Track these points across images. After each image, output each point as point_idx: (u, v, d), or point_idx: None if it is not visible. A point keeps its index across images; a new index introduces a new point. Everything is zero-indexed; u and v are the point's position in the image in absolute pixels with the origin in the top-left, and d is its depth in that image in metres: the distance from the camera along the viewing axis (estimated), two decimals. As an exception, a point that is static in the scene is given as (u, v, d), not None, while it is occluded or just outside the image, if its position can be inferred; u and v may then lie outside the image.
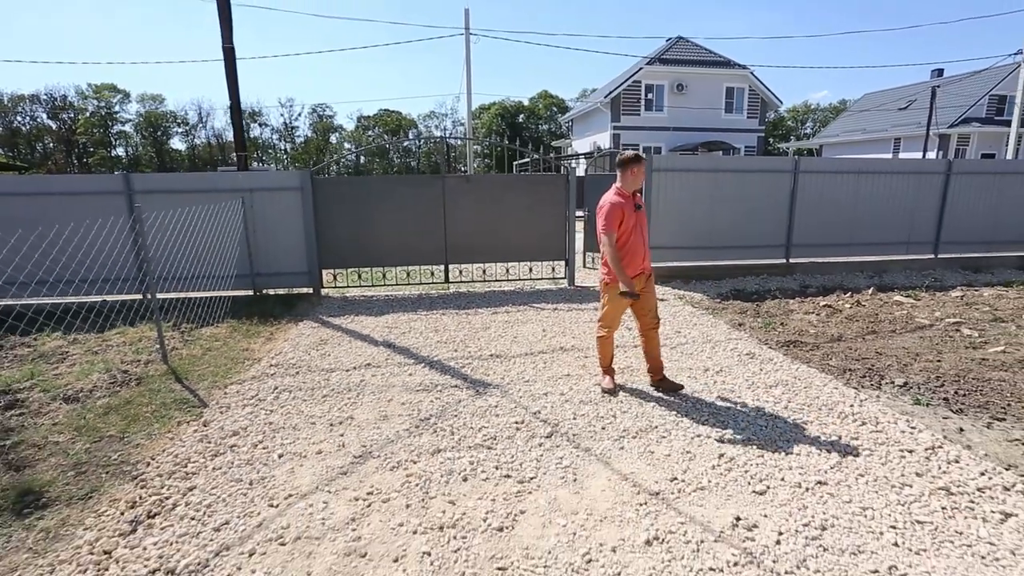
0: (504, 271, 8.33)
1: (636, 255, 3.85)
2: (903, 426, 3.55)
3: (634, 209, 3.83)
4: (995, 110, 32.03)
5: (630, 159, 3.83)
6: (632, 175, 3.84)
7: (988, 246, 9.90)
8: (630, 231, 3.82)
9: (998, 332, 5.80)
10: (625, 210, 3.77)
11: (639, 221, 3.87)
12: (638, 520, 2.52)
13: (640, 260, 3.89)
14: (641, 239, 3.88)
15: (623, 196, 3.82)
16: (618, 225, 3.77)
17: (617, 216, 3.75)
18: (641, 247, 3.89)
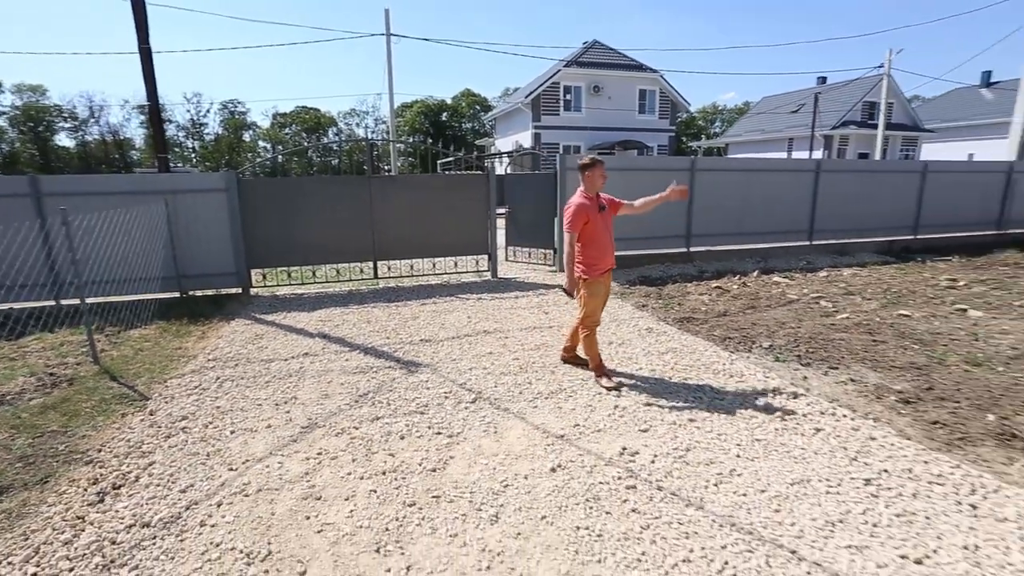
0: (431, 266, 8.78)
1: (604, 251, 4.08)
2: (761, 376, 4.41)
3: (599, 210, 4.06)
4: (868, 115, 35.94)
5: (586, 164, 4.07)
6: (589, 178, 4.07)
7: (852, 233, 11.50)
8: (600, 231, 4.03)
9: (847, 303, 6.99)
10: (590, 212, 3.99)
11: (604, 220, 4.09)
12: (546, 456, 3.13)
13: (609, 255, 4.13)
14: (607, 237, 4.11)
15: (588, 199, 4.05)
16: (583, 225, 3.99)
17: (582, 218, 3.96)
18: (608, 244, 4.11)
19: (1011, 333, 5.67)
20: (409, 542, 2.42)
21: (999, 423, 3.67)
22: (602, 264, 4.11)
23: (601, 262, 4.10)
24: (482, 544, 2.39)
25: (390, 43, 19.77)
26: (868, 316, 6.36)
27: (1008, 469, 3.07)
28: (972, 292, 7.71)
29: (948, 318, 6.31)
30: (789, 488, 2.81)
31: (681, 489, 2.80)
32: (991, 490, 2.81)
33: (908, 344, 5.34)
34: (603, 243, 4.09)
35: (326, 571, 2.25)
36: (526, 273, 9.03)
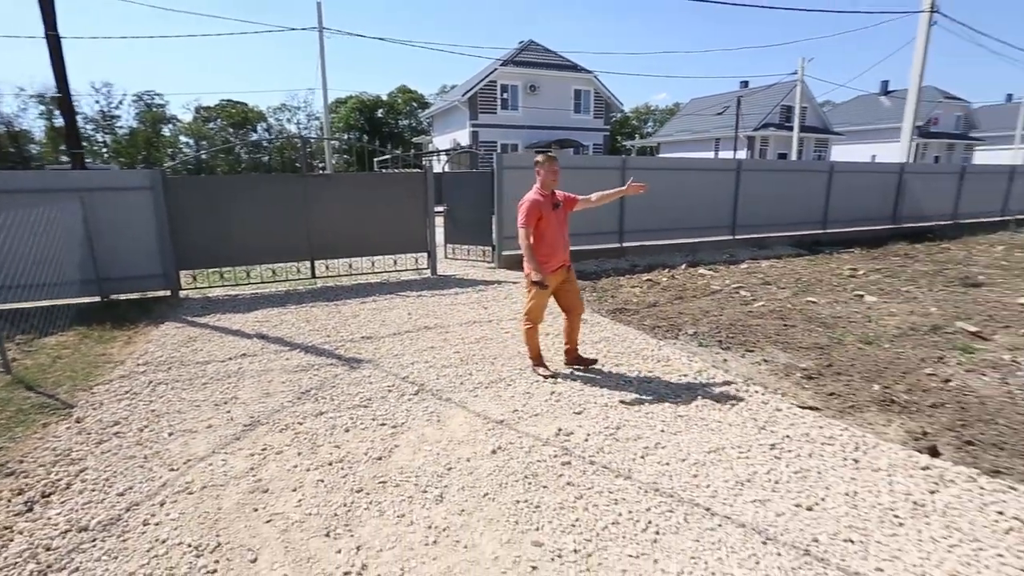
0: (370, 264, 8.76)
1: (555, 248, 4.15)
2: (685, 360, 4.79)
3: (552, 207, 4.12)
4: (785, 117, 38.40)
5: (539, 161, 4.13)
6: (541, 176, 4.14)
7: (770, 228, 12.41)
8: (552, 228, 4.10)
9: (763, 292, 7.60)
10: (543, 208, 4.05)
11: (558, 217, 4.16)
12: (487, 439, 3.32)
13: (561, 252, 4.20)
14: (560, 234, 4.17)
15: (543, 195, 4.11)
16: (535, 221, 4.05)
17: (534, 214, 4.03)
18: (560, 241, 4.18)
19: (897, 315, 6.39)
20: (358, 525, 2.53)
21: (882, 391, 4.19)
22: (553, 261, 4.16)
23: (552, 259, 4.16)
24: (428, 521, 2.54)
25: (323, 37, 19.30)
26: (781, 303, 6.96)
27: (886, 429, 3.55)
28: (869, 280, 8.57)
29: (848, 303, 7.01)
30: (706, 456, 3.13)
31: (611, 462, 3.06)
32: (871, 446, 3.25)
33: (813, 327, 5.92)
34: (554, 240, 4.15)
35: (277, 556, 2.33)
36: (465, 270, 9.18)
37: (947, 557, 2.31)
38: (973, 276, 8.82)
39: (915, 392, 4.20)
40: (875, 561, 2.29)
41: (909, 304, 6.93)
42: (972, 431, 3.57)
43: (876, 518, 2.57)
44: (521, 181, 9.22)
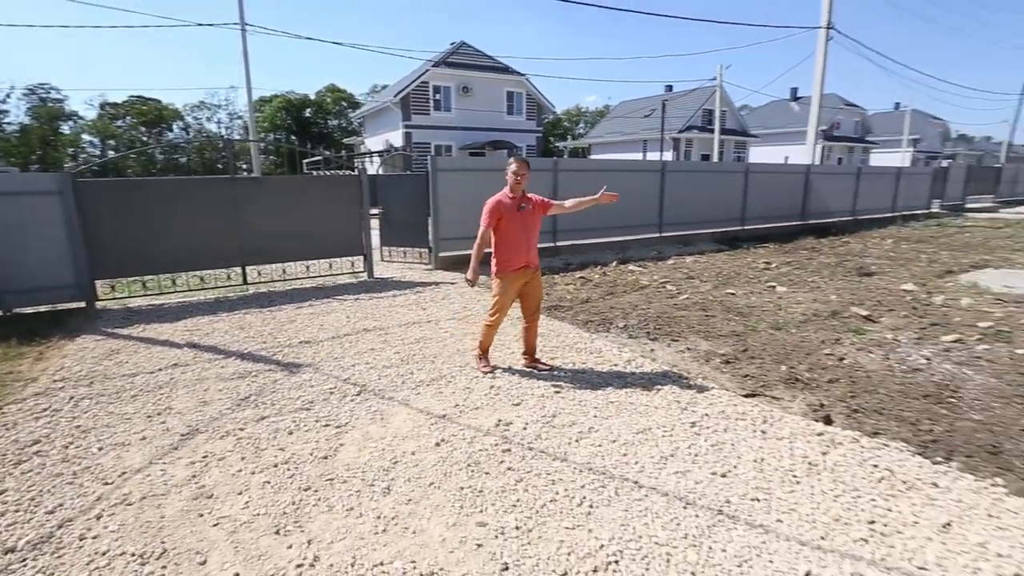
0: (305, 269, 8.60)
1: (518, 250, 4.22)
2: (616, 351, 5.11)
3: (517, 209, 4.19)
4: (707, 121, 40.52)
5: (515, 165, 4.21)
6: (507, 179, 4.24)
7: (694, 225, 13.18)
8: (515, 230, 4.18)
9: (688, 286, 8.13)
10: (505, 210, 4.15)
11: (523, 220, 4.22)
12: (430, 433, 3.45)
13: (523, 254, 4.26)
14: (524, 236, 4.23)
15: (510, 198, 4.19)
16: (496, 222, 4.15)
17: (495, 214, 4.14)
18: (523, 243, 4.24)
19: (803, 303, 7.05)
20: (308, 521, 2.60)
21: (788, 371, 4.67)
22: (514, 262, 4.23)
23: (513, 260, 4.23)
24: (377, 512, 2.65)
25: (245, 34, 18.55)
26: (703, 296, 7.49)
27: (791, 404, 3.98)
28: (780, 272, 9.34)
29: (762, 294, 7.64)
30: (635, 436, 3.42)
31: (548, 447, 3.28)
32: (777, 419, 3.66)
33: (732, 317, 6.43)
34: (516, 242, 4.21)
35: (227, 557, 2.37)
36: (403, 272, 9.20)
37: (833, 505, 2.68)
38: (867, 267, 9.81)
39: (815, 370, 4.71)
40: (776, 514, 2.62)
41: (813, 293, 7.65)
42: (859, 401, 4.07)
43: (778, 479, 2.93)
44: (456, 184, 9.36)
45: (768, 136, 47.83)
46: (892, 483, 2.90)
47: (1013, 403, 3.98)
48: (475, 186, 9.55)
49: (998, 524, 2.55)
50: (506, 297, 4.35)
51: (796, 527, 2.54)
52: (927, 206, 21.28)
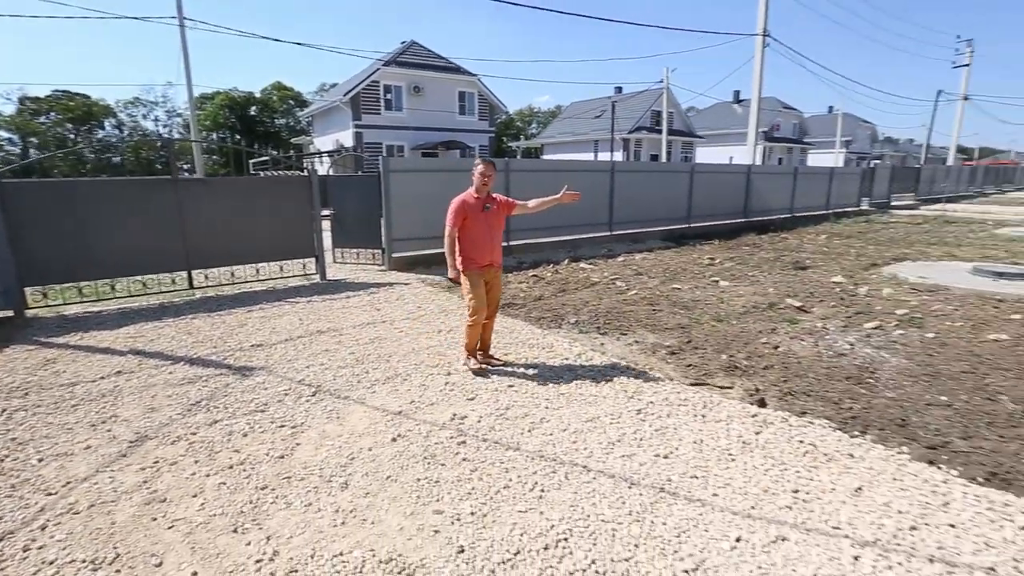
0: (255, 272, 8.42)
1: (483, 249, 4.35)
2: (567, 346, 5.29)
3: (482, 209, 4.32)
4: (655, 122, 41.67)
5: (482, 166, 4.34)
6: (473, 179, 4.35)
7: (643, 224, 13.62)
8: (480, 229, 4.31)
9: (636, 282, 8.45)
10: (470, 209, 4.27)
11: (488, 220, 4.36)
12: (387, 430, 3.52)
13: (488, 253, 4.39)
14: (488, 235, 4.37)
15: (474, 198, 4.31)
16: (461, 221, 4.27)
17: (460, 214, 4.25)
18: (488, 243, 4.37)
19: (744, 296, 7.46)
20: (266, 518, 2.63)
21: (728, 360, 4.98)
22: (479, 260, 4.36)
23: (478, 258, 4.35)
24: (336, 506, 2.71)
25: (184, 30, 17.84)
26: (651, 291, 7.80)
27: (730, 390, 4.26)
28: (724, 267, 9.81)
29: (705, 288, 8.02)
30: (584, 424, 3.59)
31: (502, 438, 3.41)
32: (716, 404, 3.92)
33: (677, 310, 6.74)
34: (481, 240, 4.34)
35: (184, 557, 2.38)
36: (356, 274, 9.14)
37: (763, 478, 2.93)
38: (802, 261, 10.43)
39: (753, 358, 5.04)
40: (712, 489, 2.85)
41: (753, 287, 8.10)
42: (790, 384, 4.40)
43: (715, 457, 3.17)
44: (409, 184, 9.37)
45: (714, 137, 49.68)
46: (815, 456, 3.18)
47: (920, 381, 4.40)
48: (428, 187, 9.61)
49: (900, 486, 2.86)
50: (478, 292, 4.40)
51: (730, 499, 2.76)
52: (857, 204, 22.66)
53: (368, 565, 2.29)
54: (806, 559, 2.33)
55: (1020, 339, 5.48)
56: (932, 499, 2.76)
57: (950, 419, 3.74)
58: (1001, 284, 7.70)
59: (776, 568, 2.28)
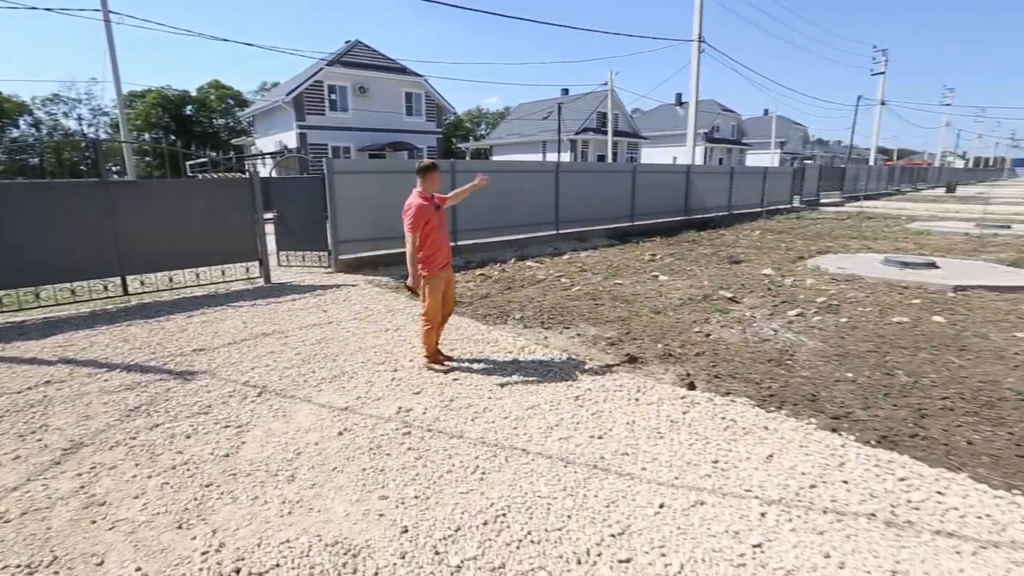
0: (195, 277, 8.20)
1: (441, 249, 4.41)
2: (512, 340, 5.47)
3: (435, 209, 4.36)
4: (601, 123, 42.61)
5: (426, 167, 4.35)
6: (429, 180, 4.34)
7: (588, 222, 14.00)
8: (435, 229, 4.32)
9: (581, 278, 8.74)
10: (429, 211, 4.27)
11: (441, 219, 4.44)
12: (333, 425, 3.59)
13: (446, 251, 4.48)
14: (443, 234, 4.46)
15: (426, 199, 4.31)
16: (423, 225, 4.24)
17: (422, 218, 4.21)
18: (445, 242, 4.47)
19: (681, 289, 7.86)
20: (211, 513, 2.67)
21: (664, 349, 5.29)
22: (439, 260, 4.41)
23: (438, 258, 4.41)
24: (282, 498, 2.78)
25: (110, 24, 16.96)
26: (594, 287, 8.10)
27: (663, 375, 4.55)
28: (664, 263, 10.26)
29: (646, 283, 8.40)
30: (525, 412, 3.78)
31: (446, 428, 3.55)
32: (649, 388, 4.19)
33: (618, 304, 7.05)
34: (440, 240, 4.41)
35: (127, 555, 2.40)
36: (302, 277, 9.03)
37: (687, 452, 3.20)
38: (736, 255, 11.04)
39: (686, 346, 5.37)
40: (641, 464, 3.09)
41: (690, 280, 8.54)
42: (718, 368, 4.74)
43: (645, 436, 3.42)
44: (355, 186, 9.34)
45: (658, 138, 51.28)
46: (734, 431, 3.48)
47: (831, 361, 4.84)
48: (375, 188, 9.60)
49: (806, 452, 3.19)
50: (437, 297, 4.47)
51: (656, 472, 3.01)
52: (789, 201, 24.02)
53: (315, 549, 2.39)
54: (720, 518, 2.59)
55: (918, 321, 6.07)
56: (831, 461, 3.09)
57: (854, 392, 4.16)
58: (906, 273, 8.44)
59: (693, 527, 2.52)
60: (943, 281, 7.82)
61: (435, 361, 4.72)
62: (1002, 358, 4.87)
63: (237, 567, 2.28)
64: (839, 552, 2.35)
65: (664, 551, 2.36)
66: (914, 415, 3.77)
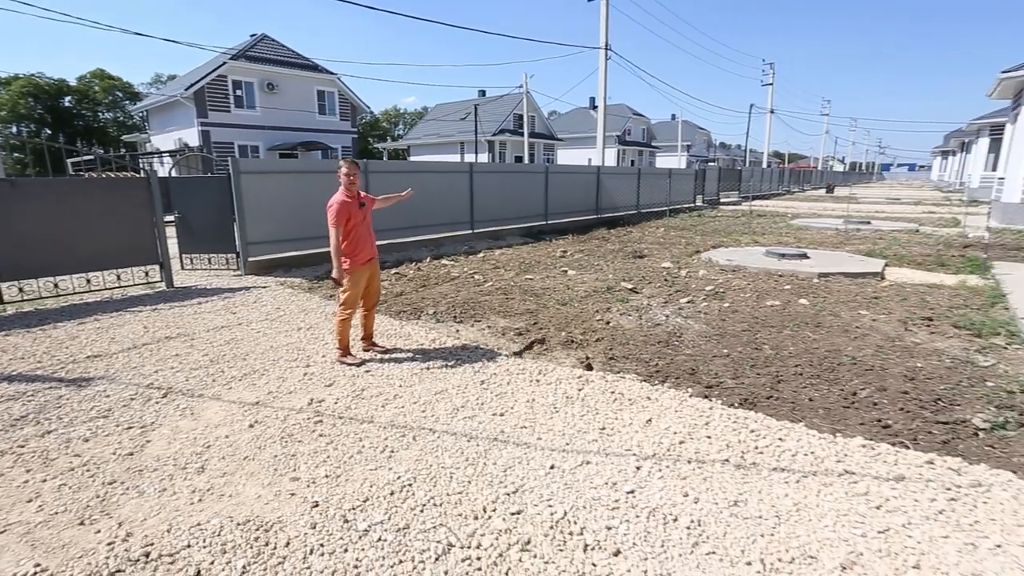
0: (85, 282, 7.69)
1: (364, 245, 4.66)
2: (424, 334, 5.69)
3: (359, 207, 4.62)
4: (518, 124, 43.41)
5: (340, 167, 4.58)
6: (342, 180, 4.57)
7: (503, 221, 14.41)
8: (357, 226, 4.58)
9: (494, 275, 9.07)
10: (351, 208, 4.52)
11: (364, 216, 4.67)
12: (244, 418, 3.66)
13: (368, 249, 4.73)
14: (367, 231, 4.72)
15: (351, 197, 4.56)
16: (345, 222, 4.49)
17: (344, 215, 4.47)
18: (368, 238, 4.73)
19: (587, 283, 8.40)
20: (116, 508, 2.69)
21: (567, 336, 5.71)
22: (362, 255, 4.67)
23: (360, 253, 4.66)
24: (192, 488, 2.85)
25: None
26: (506, 282, 8.46)
27: (564, 360, 4.95)
28: (573, 259, 10.83)
29: (555, 277, 8.87)
30: (433, 397, 4.02)
31: (357, 415, 3.72)
32: (550, 371, 4.57)
33: (527, 298, 7.44)
34: (362, 236, 4.65)
35: (23, 554, 2.39)
36: (208, 280, 8.70)
37: (579, 422, 3.58)
38: (640, 251, 11.84)
39: (587, 333, 5.82)
40: (537, 435, 3.43)
41: (596, 274, 9.11)
42: (614, 351, 5.21)
43: (543, 411, 3.77)
44: (265, 186, 9.13)
45: (574, 140, 53.00)
46: (621, 402, 3.92)
47: (712, 340, 5.46)
48: (287, 188, 9.42)
49: (679, 415, 3.68)
50: (357, 289, 4.71)
51: (550, 440, 3.36)
52: (693, 200, 25.81)
53: (226, 528, 2.50)
54: (602, 473, 2.97)
55: (788, 304, 6.92)
56: (699, 421, 3.59)
57: (727, 366, 4.76)
58: (783, 263, 9.50)
59: (578, 483, 2.89)
60: (811, 269, 8.90)
61: (347, 354, 4.86)
62: (846, 332, 5.71)
63: (147, 551, 2.36)
64: (695, 491, 2.80)
65: (551, 503, 2.70)
66: (772, 381, 4.40)
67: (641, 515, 2.60)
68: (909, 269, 9.37)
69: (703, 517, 2.58)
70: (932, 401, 4.01)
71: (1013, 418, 3.63)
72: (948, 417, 3.75)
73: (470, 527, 2.50)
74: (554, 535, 2.45)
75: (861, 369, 4.64)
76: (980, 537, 2.42)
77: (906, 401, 4.01)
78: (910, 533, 2.46)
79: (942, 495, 2.75)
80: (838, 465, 3.04)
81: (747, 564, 2.28)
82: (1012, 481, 2.87)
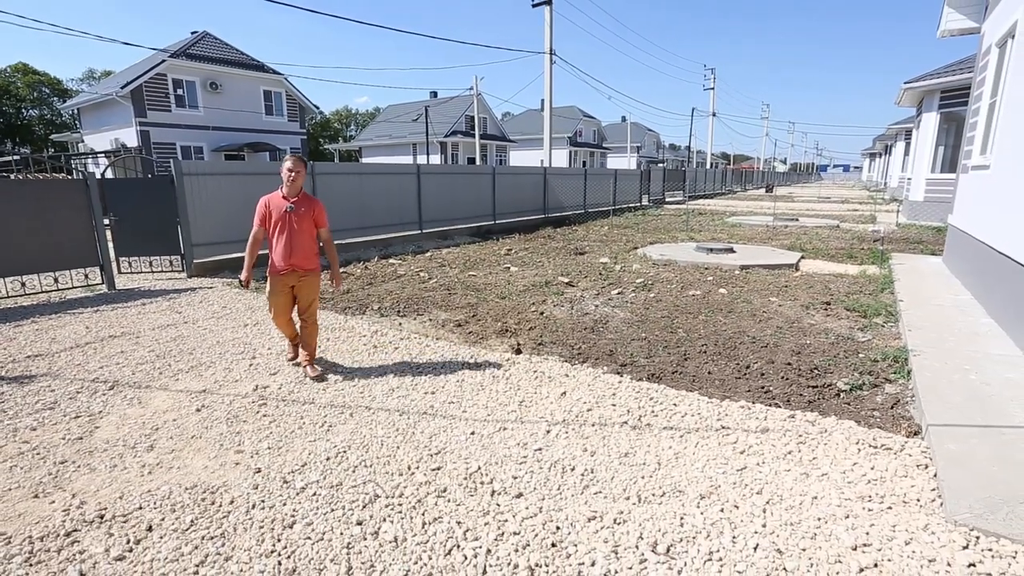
0: (19, 286, 7.59)
1: (283, 251, 4.24)
2: (368, 327, 6.01)
3: (285, 210, 4.20)
4: (470, 126, 43.74)
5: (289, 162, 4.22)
6: (291, 176, 4.21)
7: (451, 222, 14.75)
8: (279, 231, 4.21)
9: (439, 272, 9.44)
10: (272, 208, 4.20)
11: (291, 221, 4.21)
12: (191, 404, 3.92)
13: (287, 256, 4.25)
14: (290, 238, 4.22)
15: (285, 195, 4.24)
16: (260, 221, 4.25)
17: (260, 213, 4.24)
18: (287, 245, 4.23)
19: (527, 278, 8.87)
20: (69, 483, 2.94)
21: (502, 326, 6.15)
22: (275, 263, 4.29)
23: (276, 261, 4.29)
24: (142, 463, 3.11)
25: None
26: (450, 279, 8.84)
27: (497, 347, 5.38)
28: (517, 256, 11.30)
29: (498, 274, 9.31)
30: (371, 380, 4.38)
31: (300, 398, 4.04)
32: (483, 356, 5.00)
33: (469, 293, 7.85)
34: (281, 243, 4.24)
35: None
36: (152, 282, 8.71)
37: (503, 399, 4.02)
38: (582, 248, 12.44)
39: (522, 323, 6.28)
40: (463, 408, 3.85)
41: (537, 270, 9.61)
42: (544, 337, 5.69)
43: (471, 389, 4.19)
44: (209, 188, 9.18)
45: (526, 141, 53.72)
46: (542, 380, 4.38)
47: (633, 326, 6.02)
48: (232, 189, 9.49)
49: (591, 388, 4.17)
50: (275, 297, 4.40)
51: (474, 413, 3.78)
52: (638, 200, 26.81)
53: (175, 493, 2.80)
54: (515, 437, 3.41)
55: (708, 293, 7.59)
56: (607, 392, 4.09)
57: (642, 347, 5.30)
58: (710, 257, 10.27)
59: (494, 444, 3.32)
60: (734, 262, 9.68)
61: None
62: (754, 316, 6.39)
63: (101, 514, 2.63)
64: (593, 446, 3.28)
65: (468, 460, 3.12)
66: (679, 359, 4.97)
67: (544, 467, 3.05)
68: (823, 261, 10.31)
69: (596, 466, 3.06)
70: (809, 370, 4.66)
71: (868, 380, 4.30)
72: (819, 382, 4.39)
73: (395, 482, 2.89)
74: (467, 484, 2.87)
75: (758, 347, 5.28)
76: (814, 469, 3.00)
77: (788, 371, 4.64)
78: (761, 469, 3.01)
79: (794, 441, 3.33)
80: (717, 423, 3.59)
81: (626, 499, 2.76)
82: (852, 428, 3.48)
